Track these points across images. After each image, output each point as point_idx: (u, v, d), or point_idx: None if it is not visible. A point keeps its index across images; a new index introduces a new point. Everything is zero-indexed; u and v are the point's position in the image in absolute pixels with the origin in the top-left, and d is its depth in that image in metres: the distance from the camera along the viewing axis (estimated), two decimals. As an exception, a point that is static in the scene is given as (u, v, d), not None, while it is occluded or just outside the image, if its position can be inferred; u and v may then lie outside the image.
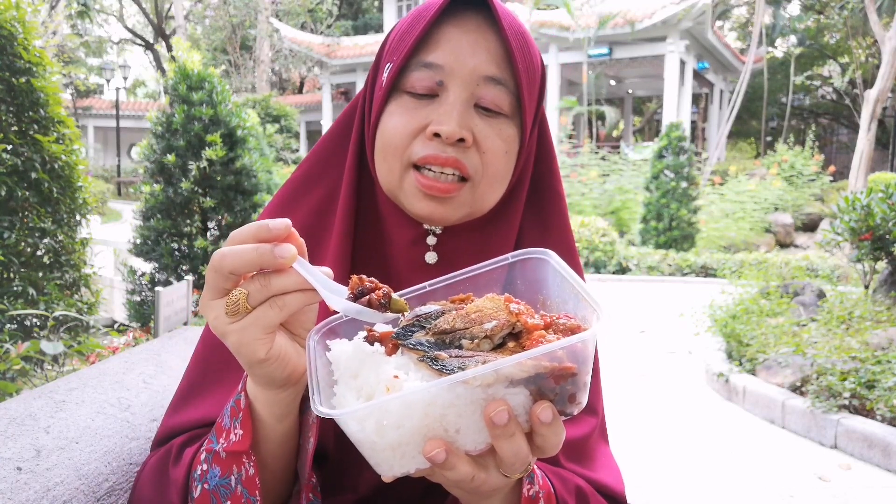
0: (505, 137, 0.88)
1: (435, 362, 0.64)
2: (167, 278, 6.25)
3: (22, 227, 4.38)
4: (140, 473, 0.91)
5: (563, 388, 0.64)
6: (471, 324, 0.67)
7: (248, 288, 0.67)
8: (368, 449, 0.66)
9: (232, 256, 0.66)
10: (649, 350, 6.87)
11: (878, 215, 5.69)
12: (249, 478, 0.77)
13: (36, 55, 4.37)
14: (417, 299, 0.77)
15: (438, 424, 0.64)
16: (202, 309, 0.70)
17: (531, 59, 0.90)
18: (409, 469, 0.66)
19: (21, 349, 3.20)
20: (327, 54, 25.33)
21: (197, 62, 6.21)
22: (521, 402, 0.64)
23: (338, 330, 0.77)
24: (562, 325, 0.67)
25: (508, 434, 0.63)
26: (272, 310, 0.67)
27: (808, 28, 26.70)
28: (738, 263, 11.30)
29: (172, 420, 0.92)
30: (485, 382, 0.62)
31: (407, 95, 0.88)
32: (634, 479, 3.67)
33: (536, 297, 0.77)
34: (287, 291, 0.67)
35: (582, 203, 16.17)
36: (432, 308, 0.72)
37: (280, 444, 0.80)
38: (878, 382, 4.20)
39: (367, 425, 0.64)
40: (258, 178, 6.36)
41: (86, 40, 31.12)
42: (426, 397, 0.62)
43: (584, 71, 20.07)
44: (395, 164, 0.88)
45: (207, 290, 0.69)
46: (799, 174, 18.07)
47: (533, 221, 1.00)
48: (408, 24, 0.89)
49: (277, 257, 0.65)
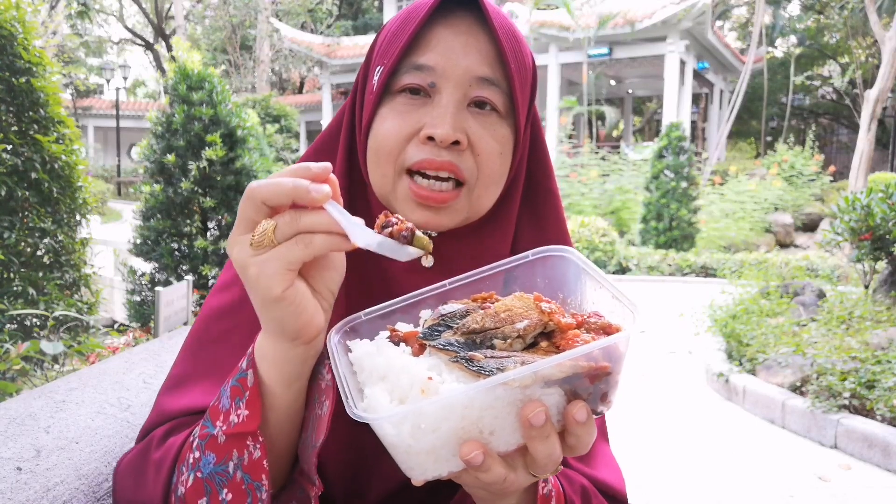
0: (499, 138, 0.87)
1: (471, 363, 0.63)
2: (167, 278, 6.25)
3: (22, 227, 4.38)
4: (119, 464, 0.87)
5: (597, 387, 0.64)
6: (501, 323, 0.66)
7: (277, 221, 0.66)
8: (403, 453, 0.64)
9: (267, 186, 0.66)
10: (649, 350, 6.87)
11: (878, 215, 5.69)
12: (254, 462, 0.73)
13: (36, 55, 4.38)
14: (435, 298, 0.77)
15: (474, 426, 0.63)
16: (229, 244, 0.69)
17: (523, 58, 0.89)
18: (443, 472, 0.65)
19: (21, 349, 3.20)
20: (327, 54, 25.34)
21: (197, 62, 6.21)
22: (555, 402, 0.64)
23: (358, 329, 0.75)
24: (593, 325, 0.67)
25: (544, 435, 0.63)
26: (297, 246, 0.66)
27: (808, 28, 26.72)
28: (738, 263, 11.31)
29: (160, 408, 0.89)
30: (523, 384, 0.61)
31: (399, 98, 0.86)
32: (635, 479, 3.67)
33: (556, 294, 0.76)
34: (316, 231, 0.66)
35: (582, 203, 16.16)
36: (456, 307, 0.71)
37: (286, 416, 0.77)
38: (878, 382, 4.20)
39: (403, 429, 0.62)
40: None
41: (86, 40, 31.15)
42: (464, 400, 0.61)
43: (584, 71, 20.06)
44: (389, 170, 0.87)
45: (238, 223, 0.68)
46: (799, 174, 18.07)
47: (528, 220, 0.99)
48: (398, 26, 0.88)
49: (312, 191, 0.65)
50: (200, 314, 0.96)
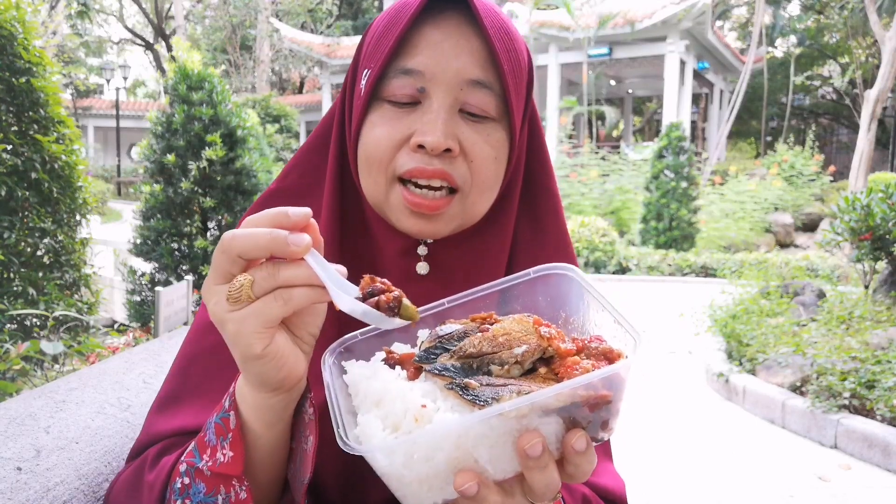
0: (493, 143, 0.84)
1: (466, 392, 0.61)
2: (167, 278, 6.25)
3: (22, 227, 4.38)
4: (113, 484, 0.86)
5: (598, 415, 0.62)
6: (499, 348, 0.64)
7: (254, 275, 0.63)
8: (395, 482, 0.63)
9: (243, 238, 0.62)
10: (649, 350, 6.87)
11: (878, 215, 5.69)
12: (241, 501, 0.72)
13: (36, 55, 4.38)
14: (434, 317, 0.74)
15: (469, 456, 0.61)
16: (204, 293, 0.66)
17: (517, 56, 0.84)
18: (437, 500, 0.64)
19: (21, 349, 3.20)
20: (327, 54, 25.33)
21: (197, 62, 6.21)
22: (553, 431, 0.62)
23: (354, 349, 0.73)
24: (594, 350, 0.64)
25: (541, 466, 0.61)
26: (276, 302, 0.63)
27: (808, 28, 26.71)
28: (738, 263, 11.31)
29: (152, 427, 0.88)
30: (520, 413, 0.60)
31: (387, 104, 0.82)
32: (635, 479, 3.67)
33: (558, 313, 0.74)
34: (295, 284, 0.63)
35: (582, 203, 16.17)
36: (454, 328, 0.69)
37: (269, 453, 0.75)
38: (878, 382, 4.20)
39: (395, 459, 0.61)
40: (258, 178, 6.36)
41: (86, 40, 31.14)
42: (458, 429, 0.60)
43: (584, 71, 20.06)
44: (380, 178, 0.83)
45: (212, 272, 0.65)
46: (799, 174, 18.07)
47: (526, 223, 0.96)
48: (384, 26, 0.83)
49: (291, 245, 0.61)
50: (191, 329, 0.94)
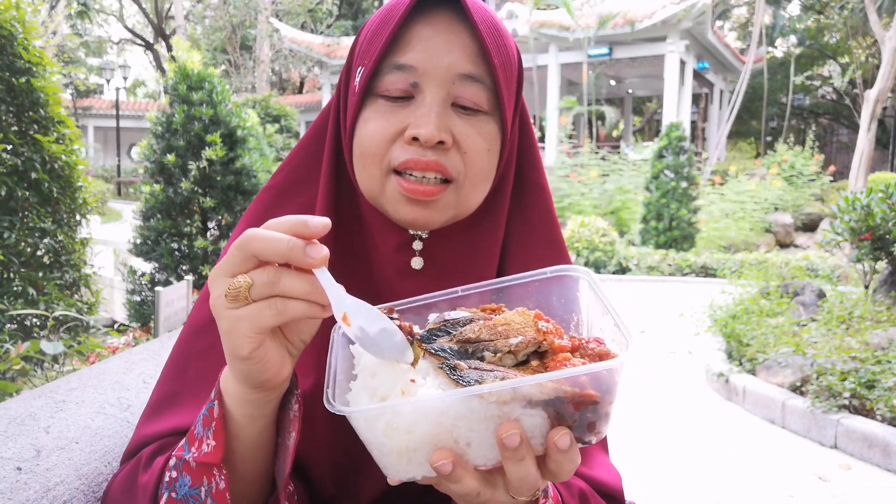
0: (486, 135, 0.86)
1: (453, 372, 0.63)
2: (167, 278, 6.26)
3: (22, 227, 4.38)
4: (109, 485, 0.87)
5: (583, 415, 0.62)
6: (496, 336, 0.66)
7: (254, 278, 0.63)
8: (377, 450, 0.65)
9: (262, 240, 0.63)
10: (649, 350, 6.87)
11: (878, 215, 5.69)
12: (219, 492, 0.74)
13: (36, 55, 4.38)
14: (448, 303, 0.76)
15: (449, 435, 0.62)
16: (211, 279, 0.67)
17: (507, 51, 0.87)
18: (416, 475, 0.65)
19: (21, 349, 3.21)
20: (327, 54, 25.34)
21: (197, 62, 6.22)
22: (537, 424, 0.63)
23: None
24: (590, 350, 0.65)
25: (518, 458, 0.62)
26: (270, 311, 0.63)
27: (808, 28, 26.73)
28: (738, 263, 11.31)
29: (144, 430, 0.89)
30: (501, 399, 0.61)
31: (381, 99, 0.85)
32: (634, 479, 3.67)
33: (571, 316, 0.75)
34: (292, 296, 0.64)
35: (582, 203, 16.16)
36: (461, 314, 0.71)
37: (253, 446, 0.77)
38: (878, 382, 4.20)
39: (376, 426, 0.63)
40: (258, 178, 6.36)
41: (86, 40, 31.15)
42: (439, 406, 0.61)
43: (584, 71, 20.07)
44: (376, 171, 0.86)
45: (224, 262, 0.65)
46: (799, 174, 18.07)
47: (518, 218, 0.98)
48: (377, 25, 0.86)
49: (307, 256, 0.62)
50: (185, 329, 0.95)
